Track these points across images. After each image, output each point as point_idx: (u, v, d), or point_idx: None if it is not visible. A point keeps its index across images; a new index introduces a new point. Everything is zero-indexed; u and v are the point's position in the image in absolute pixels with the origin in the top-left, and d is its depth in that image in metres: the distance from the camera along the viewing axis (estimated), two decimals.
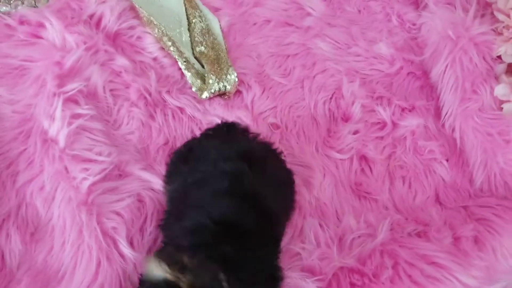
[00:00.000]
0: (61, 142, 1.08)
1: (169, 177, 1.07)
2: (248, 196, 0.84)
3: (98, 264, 0.95)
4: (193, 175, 0.92)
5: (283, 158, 1.06)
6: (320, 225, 1.05)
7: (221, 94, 1.30)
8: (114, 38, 1.35)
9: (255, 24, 1.48)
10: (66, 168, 1.06)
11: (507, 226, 1.03)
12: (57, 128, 1.10)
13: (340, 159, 1.20)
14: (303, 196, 1.12)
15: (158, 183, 1.11)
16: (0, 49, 1.25)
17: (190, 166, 0.97)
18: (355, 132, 1.26)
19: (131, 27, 1.37)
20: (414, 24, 1.49)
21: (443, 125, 1.29)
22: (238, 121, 1.22)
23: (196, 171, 0.93)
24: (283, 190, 0.99)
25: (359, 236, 1.01)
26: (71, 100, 1.16)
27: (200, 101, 1.28)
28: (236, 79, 1.29)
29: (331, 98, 1.33)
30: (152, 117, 1.23)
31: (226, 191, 0.85)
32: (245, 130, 1.08)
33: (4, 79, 1.21)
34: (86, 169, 1.06)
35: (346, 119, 1.29)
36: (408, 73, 1.41)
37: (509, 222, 1.03)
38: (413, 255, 0.94)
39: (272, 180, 0.94)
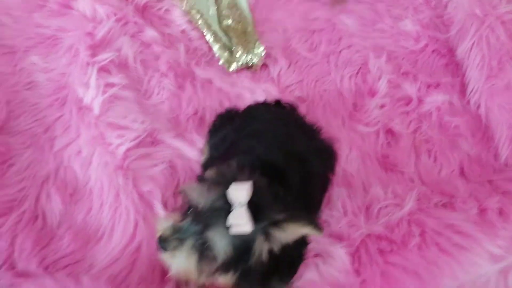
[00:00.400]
0: (96, 110, 1.12)
1: (214, 132, 1.10)
2: (298, 156, 0.87)
3: (136, 225, 0.98)
4: (245, 129, 0.96)
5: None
6: (348, 195, 1.07)
7: (248, 67, 1.32)
8: (143, 11, 1.37)
9: None
10: (102, 134, 1.09)
11: None
12: (92, 96, 1.14)
13: (367, 132, 1.22)
14: None
15: (189, 151, 1.13)
16: (33, 19, 1.28)
17: (242, 122, 1.01)
18: (382, 106, 1.27)
19: (160, 0, 1.39)
20: (440, 2, 1.48)
21: (468, 102, 1.30)
22: (265, 94, 1.25)
23: (248, 127, 0.96)
24: (326, 160, 1.02)
25: (386, 206, 1.03)
26: (103, 70, 1.19)
27: (227, 73, 1.31)
28: (263, 52, 1.31)
29: (357, 73, 1.35)
30: (181, 88, 1.25)
31: (278, 146, 0.88)
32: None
33: (37, 48, 1.25)
34: (121, 136, 1.09)
35: (372, 93, 1.30)
36: (433, 51, 1.42)
37: None
38: (440, 224, 0.96)
39: (319, 150, 0.98)
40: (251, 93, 1.26)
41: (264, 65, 1.34)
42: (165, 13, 1.39)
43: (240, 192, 0.65)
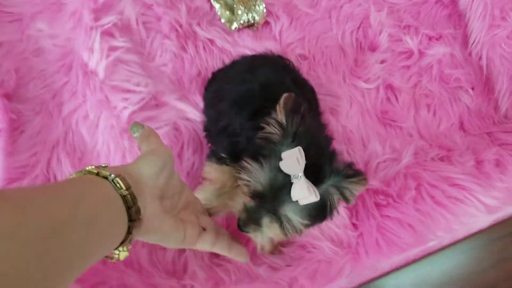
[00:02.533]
0: (101, 74, 1.14)
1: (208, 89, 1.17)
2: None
3: None
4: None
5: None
6: (347, 151, 1.10)
7: (250, 25, 1.33)
8: None
9: None
10: (107, 98, 1.12)
11: None
12: (96, 60, 1.16)
13: (367, 89, 1.23)
14: (331, 123, 1.17)
15: (193, 112, 1.17)
16: None
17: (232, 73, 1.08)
18: (382, 62, 1.28)
19: None
20: None
21: (470, 53, 1.30)
22: (267, 51, 1.26)
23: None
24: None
25: (384, 161, 1.07)
26: (107, 33, 1.20)
27: (229, 32, 1.31)
28: (265, 10, 1.31)
29: (358, 28, 1.34)
30: (184, 49, 1.27)
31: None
32: None
33: (42, 14, 1.26)
34: (126, 99, 1.12)
35: (373, 48, 1.31)
36: (436, 1, 1.40)
37: None
38: (436, 177, 0.99)
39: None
40: (253, 52, 1.27)
41: (266, 23, 1.34)
42: None
43: (292, 163, 0.63)
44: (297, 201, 0.64)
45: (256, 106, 0.82)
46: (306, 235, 0.99)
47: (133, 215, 0.55)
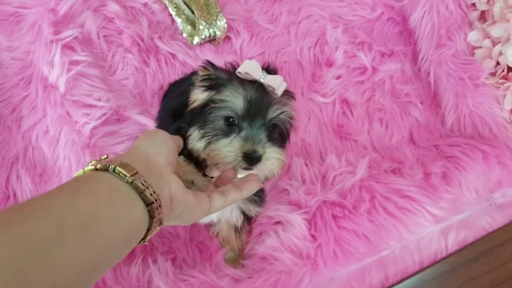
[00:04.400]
0: (62, 88, 1.14)
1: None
2: None
3: None
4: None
5: None
6: (306, 164, 1.15)
7: (211, 40, 1.36)
8: None
9: None
10: (68, 113, 1.12)
11: (473, 163, 1.12)
12: (57, 74, 1.15)
13: (324, 103, 1.29)
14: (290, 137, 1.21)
15: (154, 126, 1.18)
16: None
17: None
18: (338, 77, 1.33)
19: None
20: None
21: (419, 69, 1.37)
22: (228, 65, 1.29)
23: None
24: None
25: (340, 174, 1.11)
26: (68, 47, 1.20)
27: (191, 47, 1.34)
28: (226, 25, 1.34)
29: (315, 44, 1.40)
30: (145, 63, 1.29)
31: None
32: None
33: (0, 26, 1.25)
34: (87, 114, 1.12)
35: (329, 64, 1.36)
36: (389, 19, 1.47)
37: (475, 159, 1.13)
38: (388, 190, 1.05)
39: None
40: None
41: (227, 37, 1.38)
42: None
43: (254, 68, 0.78)
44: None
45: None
46: (264, 245, 1.03)
47: (148, 198, 0.52)
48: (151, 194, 0.52)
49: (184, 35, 1.34)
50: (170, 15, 1.36)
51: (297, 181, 1.11)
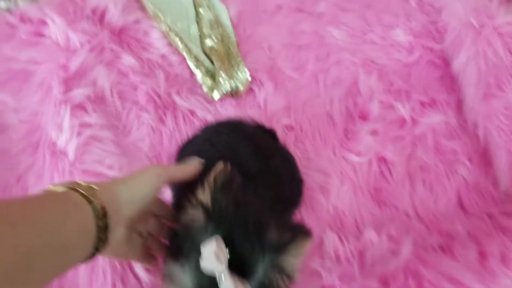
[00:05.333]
0: (71, 155, 1.05)
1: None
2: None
3: (113, 286, 0.93)
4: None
5: None
6: (340, 239, 1.01)
7: (233, 93, 1.25)
8: (119, 34, 1.29)
9: (265, 11, 1.41)
10: None
11: None
12: (66, 139, 1.07)
13: (359, 163, 1.15)
14: (321, 204, 1.08)
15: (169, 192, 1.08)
16: (2, 51, 1.20)
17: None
18: (374, 132, 1.20)
19: (137, 21, 1.32)
20: (433, 7, 1.40)
21: (465, 121, 1.23)
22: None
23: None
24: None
25: (381, 252, 0.98)
26: (78, 107, 1.12)
27: (211, 101, 1.23)
28: (249, 78, 1.23)
29: (347, 93, 1.27)
30: (162, 121, 1.18)
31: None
32: None
33: (8, 85, 1.17)
34: None
35: (363, 117, 1.23)
36: (428, 62, 1.34)
37: None
38: (438, 275, 0.90)
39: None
40: None
41: (250, 89, 1.27)
42: (143, 35, 1.31)
43: (210, 260, 0.51)
44: None
45: None
46: None
47: (101, 237, 0.56)
48: (104, 236, 0.57)
49: (204, 89, 1.23)
50: (189, 67, 1.27)
51: (331, 261, 0.98)
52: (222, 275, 0.51)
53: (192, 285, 0.55)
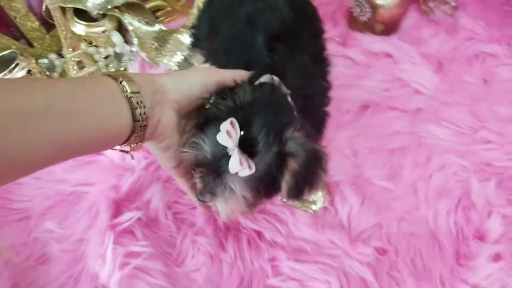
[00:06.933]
0: None
1: None
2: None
3: None
4: None
5: None
6: None
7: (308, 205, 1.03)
8: None
9: (348, 111, 1.22)
10: None
11: None
12: (109, 271, 0.92)
13: None
14: None
15: None
16: (54, 173, 1.10)
17: None
18: (497, 257, 0.91)
19: None
20: None
21: None
22: (331, 245, 0.95)
23: None
24: None
25: None
26: (126, 232, 0.97)
27: (281, 220, 1.02)
28: (328, 198, 1.02)
29: (457, 207, 1.01)
30: (222, 246, 0.99)
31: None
32: None
33: (55, 210, 1.06)
34: None
35: (481, 237, 0.96)
36: None
37: None
38: None
39: None
40: (314, 245, 0.97)
41: (330, 203, 1.04)
42: None
43: (224, 136, 0.61)
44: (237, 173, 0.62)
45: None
46: None
47: (137, 116, 0.57)
48: (140, 114, 0.58)
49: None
50: None
51: None
52: (233, 148, 0.61)
53: (210, 153, 0.64)
